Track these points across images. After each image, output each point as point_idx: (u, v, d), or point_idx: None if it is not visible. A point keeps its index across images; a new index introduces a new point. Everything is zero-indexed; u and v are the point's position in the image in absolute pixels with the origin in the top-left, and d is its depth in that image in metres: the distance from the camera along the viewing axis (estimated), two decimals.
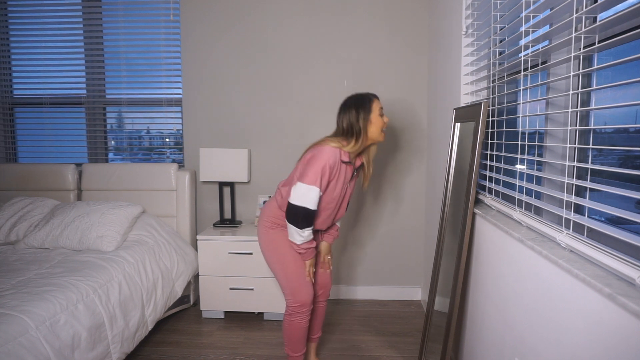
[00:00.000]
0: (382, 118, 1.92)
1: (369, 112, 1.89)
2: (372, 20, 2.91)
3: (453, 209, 1.90)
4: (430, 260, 2.68)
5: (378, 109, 1.92)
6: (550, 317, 1.09)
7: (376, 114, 1.90)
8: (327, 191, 1.89)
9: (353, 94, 1.96)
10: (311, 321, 2.17)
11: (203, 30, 2.99)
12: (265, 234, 1.99)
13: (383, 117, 1.93)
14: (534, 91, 1.42)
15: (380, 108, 1.92)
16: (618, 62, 0.89)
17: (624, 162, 1.12)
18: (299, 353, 2.03)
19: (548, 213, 1.33)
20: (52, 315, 1.66)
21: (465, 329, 1.85)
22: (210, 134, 3.06)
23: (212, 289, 2.69)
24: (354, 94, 1.96)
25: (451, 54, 2.19)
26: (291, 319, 1.97)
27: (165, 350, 2.37)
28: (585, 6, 1.08)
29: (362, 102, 1.91)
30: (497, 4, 1.63)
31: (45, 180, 2.98)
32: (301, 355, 2.05)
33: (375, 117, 1.90)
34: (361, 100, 1.91)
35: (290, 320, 1.97)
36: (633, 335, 0.77)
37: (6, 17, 3.15)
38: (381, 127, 1.92)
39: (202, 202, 3.10)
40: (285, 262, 1.96)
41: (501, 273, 1.44)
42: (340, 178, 1.90)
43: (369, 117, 1.89)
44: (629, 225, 0.99)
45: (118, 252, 2.34)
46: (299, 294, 1.95)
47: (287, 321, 1.98)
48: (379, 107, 1.93)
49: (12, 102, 3.26)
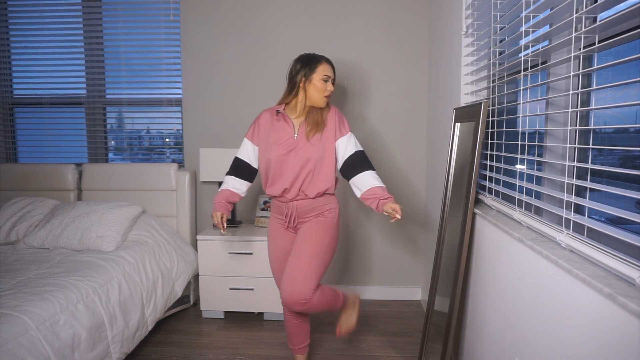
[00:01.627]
0: (325, 84, 1.90)
1: (311, 71, 1.89)
2: (372, 21, 2.91)
3: (453, 209, 1.90)
4: (430, 260, 2.68)
5: (323, 74, 1.89)
6: (551, 317, 1.09)
7: (319, 77, 1.89)
8: (269, 144, 1.94)
9: (301, 55, 1.97)
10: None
11: (203, 30, 2.99)
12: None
13: (327, 84, 1.90)
14: (534, 91, 1.42)
15: (326, 75, 1.90)
16: (618, 62, 0.89)
17: (624, 162, 1.12)
18: (294, 346, 2.09)
19: (548, 213, 1.33)
20: (52, 315, 1.66)
21: (465, 329, 1.85)
22: (210, 134, 3.06)
23: (212, 289, 2.69)
24: (302, 55, 1.97)
25: (451, 54, 2.19)
26: (284, 314, 2.06)
27: (165, 350, 2.37)
28: (585, 6, 1.08)
29: (308, 60, 1.91)
30: (497, 4, 1.63)
31: (45, 180, 2.98)
32: (298, 348, 2.09)
33: (317, 79, 1.89)
34: (308, 58, 1.92)
35: (284, 315, 2.06)
36: (633, 335, 0.77)
37: (6, 17, 3.15)
38: (323, 92, 1.90)
39: (202, 202, 3.10)
40: (270, 256, 2.06)
41: (501, 273, 1.44)
42: (280, 131, 1.94)
43: (310, 76, 1.89)
44: (629, 225, 0.99)
45: (118, 252, 2.34)
46: (280, 288, 1.92)
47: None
48: (326, 73, 1.90)
49: (12, 102, 3.26)
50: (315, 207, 1.95)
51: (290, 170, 1.91)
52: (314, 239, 1.90)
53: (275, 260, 2.03)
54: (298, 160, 1.90)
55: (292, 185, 1.92)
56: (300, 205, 1.95)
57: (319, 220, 1.95)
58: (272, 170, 1.94)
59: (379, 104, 2.96)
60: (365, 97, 2.96)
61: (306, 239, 1.90)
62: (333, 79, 1.95)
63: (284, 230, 2.02)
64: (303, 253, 1.86)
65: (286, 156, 1.91)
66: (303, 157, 1.90)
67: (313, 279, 1.82)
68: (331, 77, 1.93)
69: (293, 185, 1.92)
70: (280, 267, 2.01)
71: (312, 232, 1.92)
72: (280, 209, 2.00)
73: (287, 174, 1.92)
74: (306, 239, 1.90)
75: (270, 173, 1.95)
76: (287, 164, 1.92)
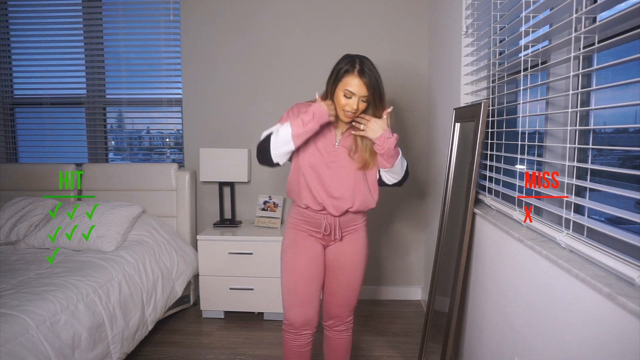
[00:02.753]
0: (343, 100, 1.56)
1: (337, 79, 1.58)
2: (372, 21, 2.91)
3: (453, 209, 1.90)
4: (430, 260, 2.68)
5: (345, 87, 1.55)
6: (550, 317, 1.09)
7: (341, 90, 1.56)
8: (307, 145, 1.67)
9: (348, 54, 1.62)
10: (326, 355, 1.90)
11: (203, 30, 2.99)
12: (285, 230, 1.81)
13: (349, 101, 1.56)
14: (534, 91, 1.42)
15: (348, 90, 1.55)
16: (618, 62, 0.89)
17: (624, 162, 1.12)
18: None
19: (548, 213, 1.33)
20: (52, 315, 1.66)
21: (465, 328, 1.85)
22: (210, 134, 3.06)
23: (212, 289, 2.69)
24: (348, 55, 1.61)
25: (451, 54, 2.19)
26: (283, 334, 1.76)
27: (165, 350, 2.37)
28: (585, 6, 1.08)
29: (342, 63, 1.58)
30: (497, 4, 1.63)
31: (46, 180, 2.98)
32: None
33: (339, 91, 1.57)
34: (343, 61, 1.59)
35: (283, 336, 1.77)
36: (632, 334, 0.77)
37: (6, 17, 3.15)
38: (342, 107, 1.58)
39: (202, 202, 3.10)
40: (282, 270, 1.74)
41: (501, 273, 1.44)
42: (319, 134, 1.66)
43: (336, 85, 1.58)
44: (628, 225, 0.99)
45: (118, 252, 2.34)
46: (287, 310, 1.71)
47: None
48: (348, 87, 1.54)
49: (13, 102, 3.26)
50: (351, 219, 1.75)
51: (324, 174, 1.67)
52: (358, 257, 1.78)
53: (286, 285, 1.70)
54: (340, 168, 1.68)
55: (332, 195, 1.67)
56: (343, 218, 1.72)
57: (356, 234, 1.78)
58: (305, 169, 1.67)
59: None
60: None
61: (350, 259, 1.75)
62: (365, 97, 1.57)
63: (313, 239, 1.74)
64: (351, 277, 1.76)
65: (330, 163, 1.67)
66: (343, 167, 1.67)
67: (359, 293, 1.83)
68: (357, 95, 1.55)
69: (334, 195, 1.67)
70: (292, 291, 1.69)
71: (352, 250, 1.76)
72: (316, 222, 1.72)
73: (323, 177, 1.67)
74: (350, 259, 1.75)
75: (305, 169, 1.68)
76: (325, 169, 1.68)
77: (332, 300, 1.78)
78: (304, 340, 1.74)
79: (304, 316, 1.70)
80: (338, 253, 1.75)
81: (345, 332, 1.84)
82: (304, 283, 1.69)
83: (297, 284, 1.69)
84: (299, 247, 1.72)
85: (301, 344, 1.74)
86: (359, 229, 1.78)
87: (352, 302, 1.80)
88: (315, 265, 1.71)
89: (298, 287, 1.69)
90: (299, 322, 1.70)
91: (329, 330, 1.85)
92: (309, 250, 1.71)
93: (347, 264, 1.75)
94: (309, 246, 1.72)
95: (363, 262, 1.79)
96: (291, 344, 1.74)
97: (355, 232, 1.77)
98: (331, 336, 1.85)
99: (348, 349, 1.88)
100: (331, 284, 1.77)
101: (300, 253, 1.71)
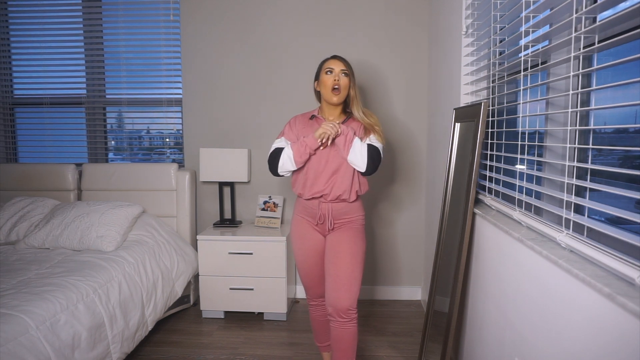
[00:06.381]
0: (329, 76, 1.84)
1: (319, 71, 1.92)
2: (372, 21, 2.91)
3: (453, 209, 1.90)
4: (430, 260, 2.67)
5: (325, 70, 1.86)
6: (550, 316, 1.09)
7: (323, 73, 1.87)
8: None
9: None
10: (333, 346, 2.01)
11: (203, 30, 2.99)
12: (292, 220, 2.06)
13: (331, 75, 1.84)
14: (534, 91, 1.42)
15: (329, 67, 1.86)
16: (618, 62, 0.89)
17: (624, 162, 1.12)
18: (320, 344, 2.14)
19: (548, 213, 1.33)
20: (52, 315, 1.66)
21: (465, 328, 1.85)
22: (210, 134, 3.06)
23: (212, 289, 2.69)
24: None
25: (451, 54, 2.19)
26: (309, 309, 2.11)
27: (165, 350, 2.37)
28: (585, 6, 1.08)
29: (318, 68, 1.94)
30: (497, 4, 1.63)
31: (46, 180, 2.98)
32: (323, 346, 2.14)
33: (322, 76, 1.87)
34: (318, 67, 1.94)
35: (309, 310, 2.11)
36: (632, 334, 0.77)
37: (6, 17, 3.15)
38: (328, 86, 1.84)
39: (202, 202, 3.10)
40: (294, 254, 2.04)
41: (501, 273, 1.44)
42: (309, 132, 1.91)
43: (319, 74, 1.91)
44: (628, 225, 0.99)
45: (118, 252, 2.34)
46: (305, 287, 2.06)
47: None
48: (329, 66, 1.86)
49: (13, 102, 3.26)
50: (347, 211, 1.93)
51: (323, 169, 1.89)
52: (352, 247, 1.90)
53: (300, 266, 2.01)
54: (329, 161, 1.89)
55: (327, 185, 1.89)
56: (335, 207, 1.91)
57: (351, 227, 1.93)
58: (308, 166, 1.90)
59: (379, 104, 2.96)
60: (366, 97, 2.96)
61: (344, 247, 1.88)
62: (344, 71, 1.86)
63: (312, 229, 1.96)
64: (344, 262, 1.87)
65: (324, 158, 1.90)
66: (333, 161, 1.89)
67: (358, 286, 1.89)
68: (336, 69, 1.85)
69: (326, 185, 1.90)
70: (303, 271, 2.01)
71: (348, 240, 1.90)
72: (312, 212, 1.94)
73: (322, 172, 1.89)
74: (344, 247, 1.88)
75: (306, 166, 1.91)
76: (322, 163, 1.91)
77: (334, 285, 1.86)
78: (324, 310, 2.05)
79: (317, 291, 2.04)
80: (334, 240, 1.93)
81: (349, 324, 1.88)
82: (309, 266, 1.99)
83: (303, 267, 2.00)
84: (302, 236, 1.98)
85: (322, 313, 2.07)
86: (354, 222, 1.94)
87: (351, 288, 1.85)
88: (315, 251, 1.97)
89: (304, 270, 2.00)
90: (314, 295, 2.05)
91: (333, 321, 1.89)
92: (310, 240, 1.97)
93: (344, 249, 1.89)
94: (310, 236, 1.96)
95: (360, 252, 1.91)
96: (315, 314, 2.09)
97: (351, 224, 1.93)
98: (335, 327, 1.90)
99: (353, 340, 1.92)
100: (330, 266, 1.90)
101: (304, 241, 1.98)
